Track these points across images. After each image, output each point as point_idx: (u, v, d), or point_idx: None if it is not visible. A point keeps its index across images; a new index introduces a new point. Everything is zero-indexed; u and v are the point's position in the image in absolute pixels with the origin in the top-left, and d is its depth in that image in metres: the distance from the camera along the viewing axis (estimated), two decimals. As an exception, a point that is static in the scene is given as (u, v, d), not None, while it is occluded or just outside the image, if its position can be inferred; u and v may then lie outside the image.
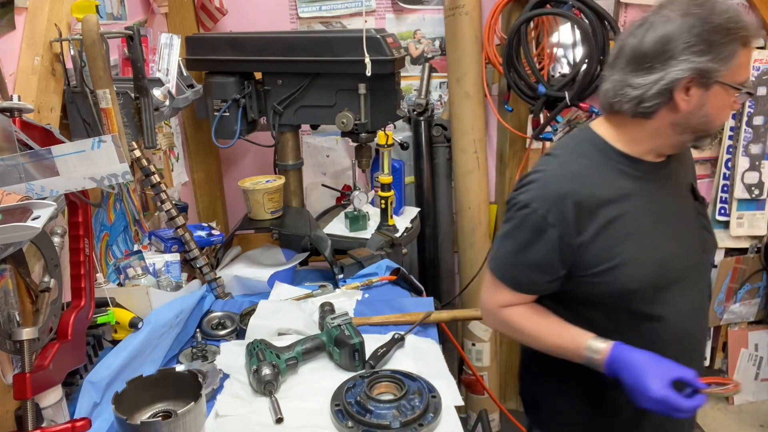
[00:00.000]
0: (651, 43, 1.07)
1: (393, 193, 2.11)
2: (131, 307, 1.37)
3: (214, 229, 1.90)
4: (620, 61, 1.13)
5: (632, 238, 1.14)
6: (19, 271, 1.11)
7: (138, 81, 1.46)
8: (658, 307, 1.17)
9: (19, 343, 1.02)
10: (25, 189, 1.00)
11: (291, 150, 2.15)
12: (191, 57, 2.03)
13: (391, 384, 1.27)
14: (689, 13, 1.05)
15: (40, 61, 1.32)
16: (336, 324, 1.40)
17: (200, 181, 2.42)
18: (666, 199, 1.20)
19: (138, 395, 1.16)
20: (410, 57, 2.54)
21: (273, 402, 1.23)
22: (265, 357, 1.30)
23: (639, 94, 1.09)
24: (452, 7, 2.36)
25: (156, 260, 1.64)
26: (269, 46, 1.96)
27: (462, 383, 2.75)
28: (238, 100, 2.00)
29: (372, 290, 1.76)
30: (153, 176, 1.66)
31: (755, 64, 2.52)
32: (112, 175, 1.07)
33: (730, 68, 1.05)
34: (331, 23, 2.47)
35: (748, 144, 2.63)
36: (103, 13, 1.68)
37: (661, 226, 1.17)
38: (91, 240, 1.23)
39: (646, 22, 1.10)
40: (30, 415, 1.04)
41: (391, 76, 1.93)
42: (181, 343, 1.49)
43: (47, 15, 1.35)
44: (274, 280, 1.80)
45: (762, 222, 2.72)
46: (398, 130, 2.51)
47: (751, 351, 2.94)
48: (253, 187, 1.92)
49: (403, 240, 2.13)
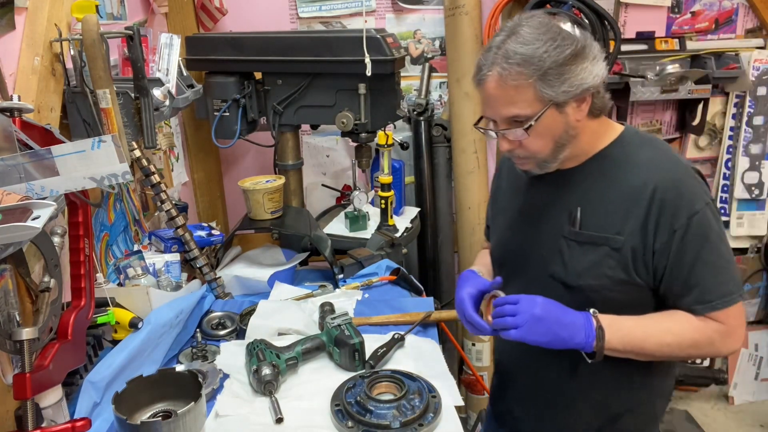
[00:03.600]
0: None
1: (393, 193, 2.11)
2: (131, 307, 1.37)
3: (214, 229, 1.90)
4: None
5: (503, 213, 1.38)
6: (19, 271, 1.11)
7: (138, 81, 1.46)
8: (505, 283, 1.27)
9: (19, 343, 1.02)
10: (25, 189, 1.00)
11: (291, 150, 2.15)
12: (191, 57, 2.03)
13: (391, 384, 1.27)
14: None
15: (40, 61, 1.32)
16: (336, 324, 1.40)
17: (200, 181, 2.41)
18: (539, 202, 1.28)
19: (138, 395, 1.16)
20: (410, 57, 2.54)
21: (273, 402, 1.23)
22: (265, 357, 1.30)
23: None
24: (452, 7, 2.36)
25: (156, 260, 1.64)
26: (269, 46, 1.96)
27: (462, 383, 2.75)
28: (238, 100, 2.00)
29: (372, 290, 1.76)
30: (153, 176, 1.66)
31: (755, 63, 2.52)
32: (112, 175, 1.07)
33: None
34: (331, 23, 2.47)
35: (748, 144, 2.63)
36: (103, 13, 1.68)
37: (521, 217, 1.32)
38: (91, 240, 1.23)
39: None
40: (30, 415, 1.04)
41: (391, 76, 1.93)
42: (181, 343, 1.49)
43: (47, 15, 1.35)
44: (274, 280, 1.80)
45: (762, 222, 2.72)
46: (398, 130, 2.51)
47: (751, 351, 2.94)
48: (253, 187, 1.92)
49: (403, 240, 2.13)
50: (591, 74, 1.11)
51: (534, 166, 1.21)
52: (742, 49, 2.56)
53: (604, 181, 1.20)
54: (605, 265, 1.18)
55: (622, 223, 1.16)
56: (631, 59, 2.52)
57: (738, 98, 2.63)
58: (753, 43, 2.61)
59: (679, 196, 1.13)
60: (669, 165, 1.17)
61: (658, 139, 1.28)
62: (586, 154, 1.22)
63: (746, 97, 2.58)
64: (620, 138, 1.23)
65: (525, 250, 1.30)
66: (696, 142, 2.74)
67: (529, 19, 1.14)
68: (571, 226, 1.21)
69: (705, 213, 1.14)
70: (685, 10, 2.56)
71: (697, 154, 2.77)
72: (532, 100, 1.10)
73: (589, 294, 1.19)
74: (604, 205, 1.19)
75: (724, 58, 2.53)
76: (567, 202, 1.23)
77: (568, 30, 1.13)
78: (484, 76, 1.12)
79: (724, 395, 2.99)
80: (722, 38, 2.61)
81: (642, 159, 1.18)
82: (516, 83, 1.09)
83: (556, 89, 1.09)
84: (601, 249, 1.18)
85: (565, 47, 1.09)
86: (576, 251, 1.21)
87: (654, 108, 2.72)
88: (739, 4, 2.56)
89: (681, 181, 1.15)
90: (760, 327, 2.95)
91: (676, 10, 2.56)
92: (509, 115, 1.13)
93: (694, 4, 2.56)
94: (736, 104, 2.64)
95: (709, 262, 1.14)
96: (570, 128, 1.15)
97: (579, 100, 1.13)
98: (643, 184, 1.15)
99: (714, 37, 2.60)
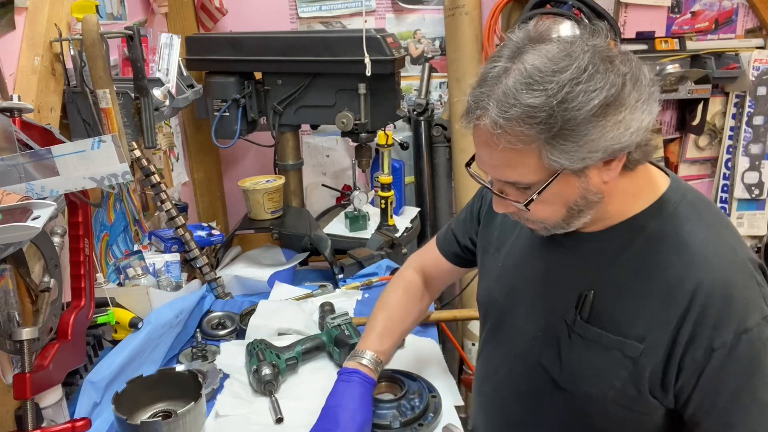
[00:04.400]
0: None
1: (393, 193, 2.11)
2: (131, 307, 1.37)
3: (214, 229, 1.90)
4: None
5: (495, 252, 1.11)
6: (19, 271, 1.11)
7: (138, 81, 1.45)
8: (487, 340, 1.12)
9: (19, 343, 1.02)
10: (25, 189, 1.00)
11: (291, 150, 2.15)
12: (191, 57, 2.03)
13: (391, 384, 1.27)
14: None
15: (40, 61, 1.31)
16: (336, 324, 1.40)
17: (200, 181, 2.41)
18: (542, 263, 1.01)
19: (138, 395, 1.16)
20: (410, 57, 2.54)
21: (273, 402, 1.23)
22: (265, 357, 1.30)
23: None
24: (452, 7, 2.36)
25: (156, 260, 1.64)
26: (269, 46, 1.96)
27: (462, 383, 2.74)
28: (238, 100, 1.99)
29: (372, 290, 1.76)
30: (153, 176, 1.66)
31: (755, 63, 2.52)
32: (112, 175, 1.07)
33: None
34: (331, 23, 2.47)
35: (748, 144, 2.63)
36: (103, 13, 1.68)
37: (515, 272, 1.05)
38: (91, 240, 1.23)
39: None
40: (30, 415, 1.04)
41: (391, 76, 1.93)
42: (181, 343, 1.49)
43: (47, 15, 1.34)
44: (274, 280, 1.80)
45: (762, 222, 2.72)
46: (398, 130, 2.51)
47: (751, 351, 2.94)
48: (253, 187, 1.92)
49: (403, 240, 2.13)
50: (629, 130, 0.77)
51: (542, 230, 0.92)
52: (742, 49, 2.56)
53: (632, 262, 0.89)
54: (613, 374, 0.89)
55: (647, 325, 0.86)
56: (631, 59, 2.52)
57: (738, 98, 2.63)
58: (753, 43, 2.61)
59: (727, 304, 0.82)
60: (724, 257, 0.85)
61: (714, 209, 0.93)
62: (616, 216, 0.90)
63: (746, 97, 2.58)
64: (663, 202, 0.89)
65: (516, 316, 1.04)
66: (696, 142, 2.75)
67: (542, 40, 0.80)
68: (578, 312, 0.92)
69: (762, 331, 0.82)
70: (685, 10, 2.56)
71: (697, 154, 2.77)
72: (535, 167, 0.81)
73: (584, 403, 0.93)
74: (627, 296, 0.89)
75: (724, 58, 2.53)
76: (578, 279, 0.93)
77: (600, 63, 0.76)
78: (475, 119, 0.83)
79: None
80: (722, 38, 2.61)
81: (690, 241, 0.86)
82: (514, 147, 0.79)
83: (571, 156, 0.78)
84: (612, 354, 0.89)
85: (590, 95, 0.74)
86: (578, 347, 0.93)
87: (654, 108, 2.71)
88: (739, 4, 2.56)
89: (735, 283, 0.83)
90: (760, 327, 2.95)
91: (676, 10, 2.56)
92: (507, 180, 0.85)
93: (694, 4, 2.56)
94: (736, 104, 2.64)
95: (759, 398, 0.83)
96: (591, 193, 0.84)
97: (608, 161, 0.81)
98: (685, 279, 0.84)
99: (714, 37, 2.60)
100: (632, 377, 0.87)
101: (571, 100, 0.74)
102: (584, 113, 0.75)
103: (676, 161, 2.79)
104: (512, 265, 1.06)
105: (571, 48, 0.77)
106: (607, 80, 0.75)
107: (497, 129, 0.79)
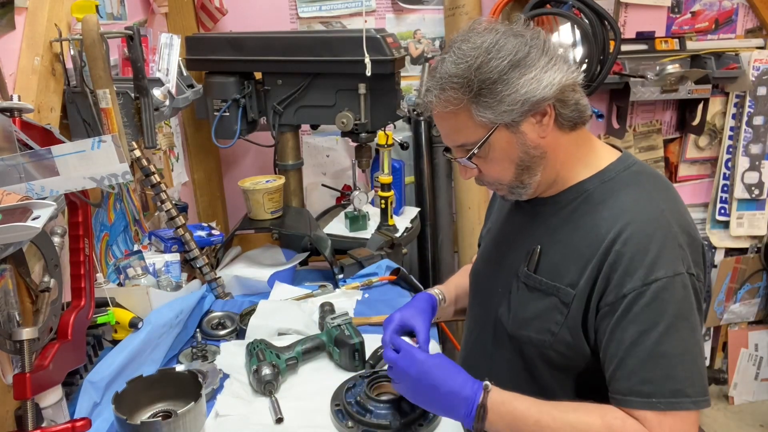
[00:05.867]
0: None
1: (393, 193, 2.11)
2: (131, 307, 1.37)
3: (214, 229, 1.90)
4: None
5: (488, 233, 1.29)
6: (19, 271, 1.11)
7: (138, 81, 1.45)
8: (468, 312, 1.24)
9: (19, 343, 1.02)
10: (25, 189, 1.00)
11: (291, 150, 2.15)
12: (191, 57, 2.03)
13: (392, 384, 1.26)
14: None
15: (40, 61, 1.31)
16: (336, 324, 1.40)
17: (200, 181, 2.41)
18: (509, 231, 1.18)
19: (138, 395, 1.16)
20: (410, 57, 2.54)
21: (273, 402, 1.23)
22: (265, 357, 1.30)
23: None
24: (452, 7, 2.36)
25: (156, 260, 1.64)
26: (269, 46, 1.96)
27: (462, 383, 2.74)
28: (238, 100, 2.00)
29: (372, 290, 1.76)
30: (153, 176, 1.66)
31: (755, 63, 2.52)
32: (112, 175, 1.07)
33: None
34: (331, 23, 2.47)
35: (748, 144, 2.63)
36: (103, 13, 1.68)
37: (493, 244, 1.22)
38: (91, 240, 1.23)
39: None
40: (30, 415, 1.04)
41: (391, 76, 1.93)
42: (181, 343, 1.49)
43: (47, 15, 1.34)
44: (274, 280, 1.80)
45: (762, 222, 2.72)
46: (398, 130, 2.51)
47: (751, 351, 2.94)
48: (253, 187, 1.92)
49: (403, 240, 2.13)
50: (541, 84, 0.95)
51: (506, 192, 1.08)
52: (742, 49, 2.56)
53: (572, 220, 1.03)
54: (550, 318, 1.01)
55: (579, 274, 0.98)
56: (631, 59, 2.53)
57: (738, 98, 2.63)
58: (753, 43, 2.61)
59: (641, 252, 0.92)
60: (648, 214, 0.96)
61: (657, 178, 1.05)
62: (565, 182, 1.06)
63: (746, 97, 2.58)
64: (607, 170, 1.04)
65: (489, 281, 1.18)
66: (696, 142, 2.75)
67: (470, 32, 1.00)
68: (526, 266, 1.07)
69: (672, 284, 0.90)
70: (685, 10, 2.56)
71: (697, 154, 2.77)
72: (473, 126, 0.98)
73: (526, 348, 1.05)
74: (566, 250, 1.02)
75: (724, 58, 2.53)
76: (531, 238, 1.08)
77: (511, 38, 0.97)
78: (427, 103, 1.02)
79: (724, 395, 2.99)
80: (722, 38, 2.61)
81: (620, 201, 0.99)
82: (451, 110, 0.98)
83: (495, 110, 0.95)
84: (550, 299, 1.02)
85: (499, 60, 0.94)
86: (524, 296, 1.06)
87: (654, 108, 2.72)
88: (739, 4, 2.56)
89: (653, 236, 0.93)
90: (760, 327, 2.95)
91: (676, 10, 2.56)
92: (457, 144, 1.03)
93: (694, 4, 2.56)
94: (736, 104, 2.64)
95: (658, 348, 0.90)
96: (532, 148, 1.00)
97: (536, 115, 0.98)
98: (610, 229, 0.96)
99: (714, 37, 2.60)
100: (567, 322, 0.99)
101: (485, 65, 0.94)
102: (497, 73, 0.94)
103: (676, 161, 2.79)
104: (490, 238, 1.25)
105: (491, 32, 0.98)
106: (514, 48, 0.95)
107: (439, 98, 0.98)
